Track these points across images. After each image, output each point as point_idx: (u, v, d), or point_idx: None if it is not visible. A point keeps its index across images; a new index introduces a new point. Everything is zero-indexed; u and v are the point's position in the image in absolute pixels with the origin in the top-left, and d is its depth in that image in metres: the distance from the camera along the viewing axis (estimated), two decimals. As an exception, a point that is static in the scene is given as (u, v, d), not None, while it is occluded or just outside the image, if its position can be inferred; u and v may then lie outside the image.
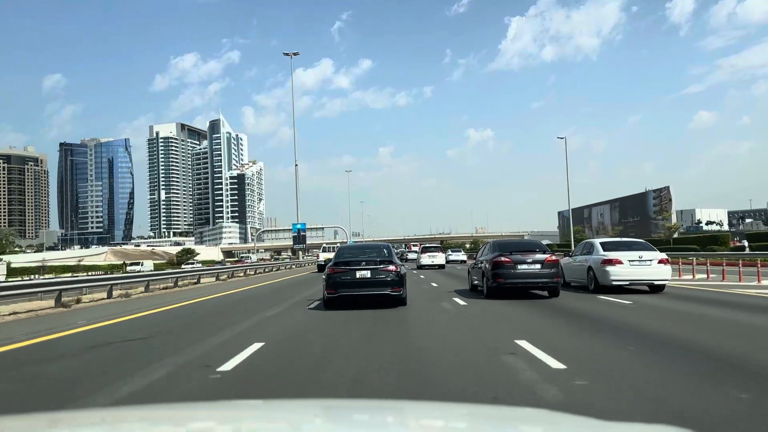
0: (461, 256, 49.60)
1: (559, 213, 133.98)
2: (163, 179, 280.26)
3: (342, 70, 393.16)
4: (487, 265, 14.47)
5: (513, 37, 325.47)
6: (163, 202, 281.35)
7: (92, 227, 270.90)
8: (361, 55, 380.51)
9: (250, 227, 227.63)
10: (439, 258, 37.75)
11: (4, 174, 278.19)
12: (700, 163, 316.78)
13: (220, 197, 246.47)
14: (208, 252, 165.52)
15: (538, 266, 13.90)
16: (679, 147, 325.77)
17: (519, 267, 13.92)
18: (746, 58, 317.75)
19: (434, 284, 20.73)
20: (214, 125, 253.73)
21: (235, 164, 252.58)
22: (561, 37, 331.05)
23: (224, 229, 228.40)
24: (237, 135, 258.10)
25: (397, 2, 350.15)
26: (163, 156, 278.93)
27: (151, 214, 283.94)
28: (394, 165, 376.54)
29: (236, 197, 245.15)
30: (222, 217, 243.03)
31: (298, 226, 52.06)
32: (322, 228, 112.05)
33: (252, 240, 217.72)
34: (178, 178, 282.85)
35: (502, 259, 13.98)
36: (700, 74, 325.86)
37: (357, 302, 12.38)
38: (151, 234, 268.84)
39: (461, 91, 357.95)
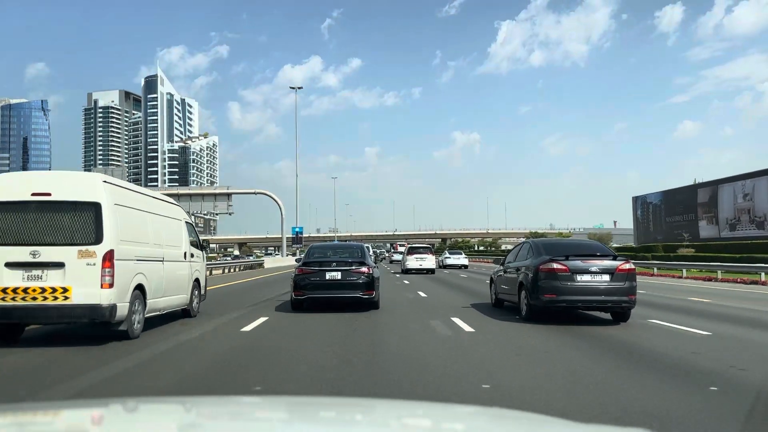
0: (462, 259, 43.99)
1: (635, 199, 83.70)
2: (101, 156, 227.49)
3: (331, 68, 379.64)
4: (528, 274, 10.81)
5: (503, 40, 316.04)
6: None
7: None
8: (350, 54, 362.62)
9: (196, 217, 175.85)
10: (429, 261, 33.29)
11: None
12: (682, 171, 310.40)
13: (155, 175, 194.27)
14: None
15: (607, 278, 10.19)
16: (663, 155, 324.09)
17: (579, 278, 10.20)
18: (731, 70, 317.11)
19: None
20: (150, 84, 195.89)
21: (179, 136, 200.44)
22: (550, 42, 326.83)
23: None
24: (183, 99, 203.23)
25: (388, 1, 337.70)
26: (101, 129, 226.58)
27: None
28: (380, 165, 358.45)
29: (176, 177, 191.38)
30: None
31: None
32: (227, 194, 55.37)
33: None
34: (119, 155, 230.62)
35: (554, 266, 10.25)
36: (685, 84, 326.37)
37: (330, 305, 12.27)
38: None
39: (450, 93, 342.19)
